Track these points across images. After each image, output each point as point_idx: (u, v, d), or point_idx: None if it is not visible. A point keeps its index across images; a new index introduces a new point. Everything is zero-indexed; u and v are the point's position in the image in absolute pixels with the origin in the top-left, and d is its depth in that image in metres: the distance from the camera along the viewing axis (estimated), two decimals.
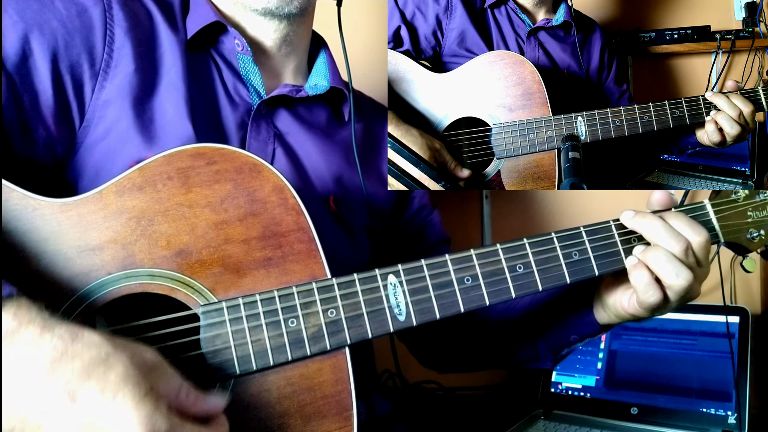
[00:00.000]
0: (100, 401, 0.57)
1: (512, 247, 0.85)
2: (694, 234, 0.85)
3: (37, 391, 0.57)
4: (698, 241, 0.85)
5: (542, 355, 1.08)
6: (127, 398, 0.58)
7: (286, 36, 1.03)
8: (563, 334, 1.04)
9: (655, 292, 0.85)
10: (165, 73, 0.91)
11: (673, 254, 0.84)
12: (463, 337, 1.15)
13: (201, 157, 0.76)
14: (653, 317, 0.92)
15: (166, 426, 0.59)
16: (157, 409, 0.59)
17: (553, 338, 1.06)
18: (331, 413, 0.76)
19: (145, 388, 0.59)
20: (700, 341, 1.42)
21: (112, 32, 0.88)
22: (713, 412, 1.33)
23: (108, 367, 0.59)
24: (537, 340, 1.08)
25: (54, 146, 0.84)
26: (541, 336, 1.07)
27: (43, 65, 0.82)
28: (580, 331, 1.02)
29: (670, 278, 0.84)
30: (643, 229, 0.87)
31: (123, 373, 0.59)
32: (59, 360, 0.57)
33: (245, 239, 0.76)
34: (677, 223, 0.86)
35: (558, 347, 1.07)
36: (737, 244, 0.95)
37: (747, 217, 0.95)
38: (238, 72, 0.99)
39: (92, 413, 0.57)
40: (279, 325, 0.75)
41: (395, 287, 0.79)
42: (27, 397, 0.57)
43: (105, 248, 0.73)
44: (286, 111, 1.01)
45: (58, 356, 0.58)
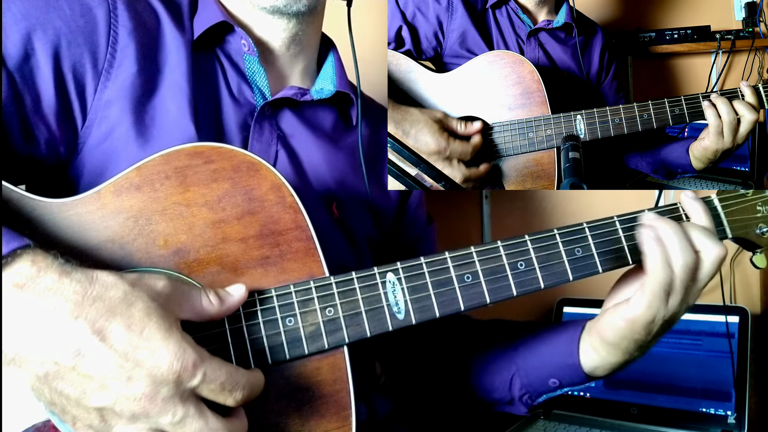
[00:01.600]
0: (129, 336, 0.60)
1: (513, 243, 0.84)
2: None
3: (65, 334, 0.59)
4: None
5: (517, 397, 1.01)
6: (153, 331, 0.61)
7: (294, 35, 1.02)
8: (543, 377, 0.98)
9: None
10: (169, 73, 0.91)
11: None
12: (431, 357, 1.12)
13: (199, 156, 0.76)
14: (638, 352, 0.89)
15: (194, 357, 0.61)
16: (183, 340, 0.62)
17: (533, 380, 0.99)
18: (330, 412, 0.75)
19: (170, 320, 0.63)
20: (700, 341, 1.42)
21: (116, 32, 0.88)
22: (713, 411, 1.33)
23: (129, 304, 0.61)
24: (515, 379, 1.01)
25: (56, 146, 0.84)
26: (520, 375, 1.00)
27: (45, 64, 0.82)
28: (562, 376, 0.96)
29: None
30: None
31: (144, 307, 0.62)
32: (81, 303, 0.60)
33: (243, 238, 0.76)
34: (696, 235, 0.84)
35: (536, 392, 1.00)
36: (746, 240, 0.93)
37: (756, 212, 0.93)
38: (244, 72, 0.99)
39: (123, 348, 0.59)
40: (276, 324, 0.74)
41: (394, 285, 0.79)
42: (57, 341, 0.59)
43: (103, 248, 0.73)
44: (291, 113, 1.01)
45: (80, 299, 0.60)
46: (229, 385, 0.64)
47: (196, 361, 0.61)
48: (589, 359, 0.92)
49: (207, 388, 0.63)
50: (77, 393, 0.60)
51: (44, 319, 0.58)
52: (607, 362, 0.91)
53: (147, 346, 0.60)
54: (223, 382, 0.63)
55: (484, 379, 1.05)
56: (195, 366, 0.61)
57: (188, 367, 0.61)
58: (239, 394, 0.65)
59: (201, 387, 0.62)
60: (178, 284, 0.67)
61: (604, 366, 0.92)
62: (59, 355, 0.59)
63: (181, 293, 0.67)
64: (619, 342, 0.87)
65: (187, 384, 0.61)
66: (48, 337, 0.58)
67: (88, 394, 0.60)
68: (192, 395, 0.62)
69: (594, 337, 0.90)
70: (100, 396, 0.60)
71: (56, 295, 0.59)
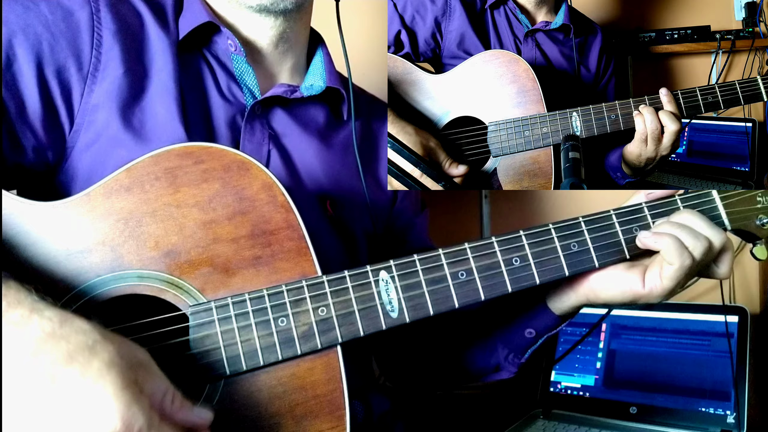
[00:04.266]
0: (80, 385, 0.56)
1: (508, 239, 0.83)
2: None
3: (19, 371, 0.56)
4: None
5: (503, 359, 1.03)
6: (107, 385, 0.57)
7: (282, 33, 1.02)
8: (519, 330, 0.99)
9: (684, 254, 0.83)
10: (156, 74, 0.91)
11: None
12: (414, 339, 1.11)
13: (188, 157, 0.76)
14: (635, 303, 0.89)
15: (143, 420, 0.57)
16: (137, 401, 0.57)
17: (511, 336, 1.01)
18: (324, 413, 0.75)
19: (128, 380, 0.58)
20: (699, 341, 1.42)
21: (100, 35, 0.87)
22: (712, 411, 1.33)
23: (93, 354, 0.58)
24: (495, 341, 1.03)
25: (44, 152, 0.84)
26: (499, 336, 1.03)
27: (28, 70, 0.81)
28: (535, 324, 0.98)
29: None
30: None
31: (108, 360, 0.58)
32: (45, 341, 0.57)
33: (234, 238, 0.76)
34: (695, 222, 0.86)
35: (518, 347, 1.01)
36: (746, 231, 0.93)
37: (756, 203, 0.92)
38: (232, 72, 0.98)
39: (70, 397, 0.56)
40: (269, 325, 0.74)
41: (387, 283, 0.78)
42: (9, 376, 0.56)
43: (93, 250, 0.73)
44: (282, 111, 1.00)
45: (44, 337, 0.57)
46: None
47: (144, 424, 0.57)
48: (562, 302, 0.94)
49: None
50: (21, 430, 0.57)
51: (4, 353, 0.56)
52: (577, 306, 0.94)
53: (95, 399, 0.56)
54: None
55: (471, 351, 1.05)
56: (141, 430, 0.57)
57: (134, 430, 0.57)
58: None
59: None
60: (154, 366, 0.64)
61: (575, 308, 0.95)
62: (8, 392, 0.56)
63: (151, 372, 0.63)
64: (610, 301, 0.89)
65: None
66: (5, 372, 0.56)
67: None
68: None
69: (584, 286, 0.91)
70: None
71: (22, 331, 0.57)
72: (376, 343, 1.15)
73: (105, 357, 0.58)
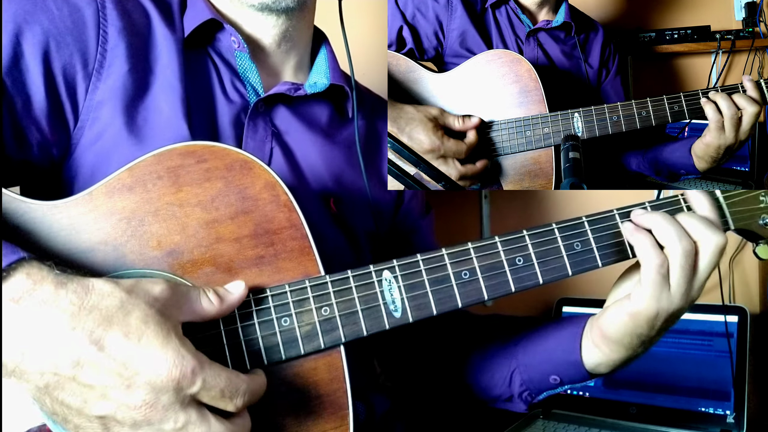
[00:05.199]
0: (127, 345, 0.60)
1: (511, 239, 0.83)
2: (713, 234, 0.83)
3: (63, 345, 0.59)
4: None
5: (517, 394, 1.00)
6: (151, 338, 0.61)
7: (285, 32, 1.02)
8: (545, 374, 0.96)
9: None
10: (161, 72, 0.91)
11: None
12: (431, 354, 1.10)
13: (191, 156, 0.76)
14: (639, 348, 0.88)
15: (193, 364, 0.61)
16: (182, 346, 0.62)
17: (533, 375, 0.98)
18: (326, 412, 0.75)
19: (168, 326, 0.62)
20: (699, 341, 1.42)
21: (106, 32, 0.87)
22: (712, 411, 1.33)
23: (126, 312, 0.61)
24: (515, 375, 0.99)
25: (48, 148, 0.84)
26: (521, 370, 0.99)
27: (35, 66, 0.81)
28: (563, 373, 0.95)
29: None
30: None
31: (142, 315, 0.62)
32: (77, 314, 0.60)
33: (237, 237, 0.75)
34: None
35: (537, 389, 0.99)
36: (749, 231, 0.92)
37: (759, 202, 0.92)
38: (236, 70, 0.98)
39: (122, 357, 0.59)
40: (272, 325, 0.74)
41: (390, 283, 0.78)
42: (55, 352, 0.59)
43: (96, 250, 0.72)
44: (285, 109, 1.00)
45: (76, 310, 0.60)
46: (229, 392, 0.64)
47: (195, 367, 0.61)
48: (592, 356, 0.91)
49: (207, 394, 0.62)
50: (78, 402, 0.60)
51: (42, 331, 0.59)
52: (609, 359, 0.90)
53: (145, 354, 0.60)
54: (222, 389, 0.63)
55: (483, 375, 1.03)
56: (194, 373, 0.61)
57: (187, 374, 0.61)
58: (239, 400, 0.65)
59: (201, 393, 0.62)
60: (175, 287, 0.67)
61: (606, 363, 0.90)
62: (58, 366, 0.59)
63: (179, 296, 0.67)
64: (622, 338, 0.86)
65: (187, 391, 0.61)
66: (46, 349, 0.59)
67: (89, 404, 0.60)
68: (193, 401, 0.62)
69: (596, 334, 0.89)
70: (101, 405, 0.60)
71: (53, 307, 0.59)
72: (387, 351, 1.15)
73: (138, 313, 0.62)
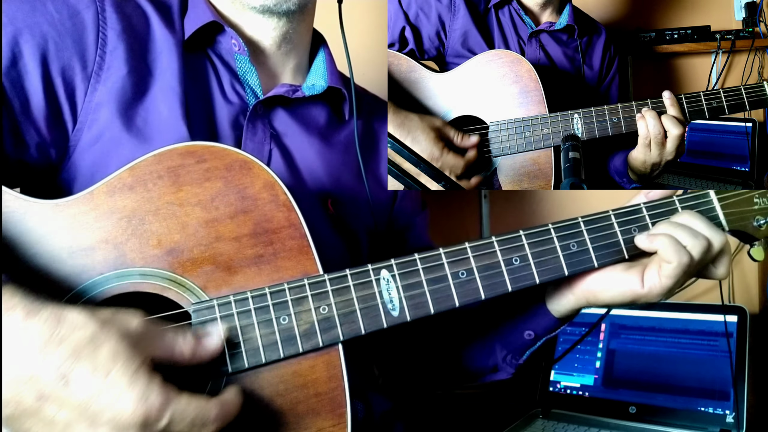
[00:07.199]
0: (93, 381, 0.58)
1: (508, 239, 0.84)
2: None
3: (29, 377, 0.58)
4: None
5: (501, 360, 1.02)
6: (119, 375, 0.59)
7: (285, 34, 1.02)
8: (518, 331, 0.99)
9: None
10: (160, 74, 0.91)
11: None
12: (412, 338, 1.11)
13: (191, 156, 0.76)
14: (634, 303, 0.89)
15: (160, 400, 0.60)
16: (150, 383, 0.60)
17: (509, 338, 1.01)
18: (325, 410, 0.75)
19: (137, 362, 0.61)
20: (699, 340, 1.42)
21: (105, 35, 0.88)
22: (711, 411, 1.33)
23: (96, 346, 0.60)
24: (494, 341, 1.03)
25: (46, 149, 0.84)
26: (498, 337, 1.02)
27: (33, 68, 0.82)
28: (534, 326, 0.98)
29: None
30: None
31: (112, 349, 0.60)
32: (47, 345, 0.58)
33: (236, 237, 0.76)
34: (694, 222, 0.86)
35: (516, 349, 1.01)
36: (743, 232, 0.93)
37: (753, 204, 0.92)
38: (235, 72, 0.99)
39: (87, 393, 0.58)
40: (271, 323, 0.74)
41: (388, 282, 0.79)
42: (20, 383, 0.57)
43: (96, 248, 0.73)
44: (284, 111, 1.01)
45: (45, 341, 0.58)
46: (200, 420, 0.63)
47: (162, 403, 0.60)
48: (565, 303, 0.94)
49: (177, 427, 0.62)
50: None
51: (8, 360, 0.58)
52: (581, 307, 0.93)
53: (111, 391, 0.58)
54: (192, 419, 0.63)
55: (469, 351, 1.05)
56: (161, 409, 0.60)
57: (153, 411, 0.59)
58: (210, 427, 0.65)
59: (170, 427, 0.61)
60: (152, 327, 0.66)
61: (578, 309, 0.94)
62: (23, 397, 0.58)
63: (154, 332, 0.66)
64: (610, 302, 0.89)
65: (155, 427, 0.60)
66: (12, 379, 0.58)
67: None
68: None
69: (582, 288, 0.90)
70: None
71: (22, 337, 0.58)
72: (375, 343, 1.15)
73: (108, 346, 0.60)
